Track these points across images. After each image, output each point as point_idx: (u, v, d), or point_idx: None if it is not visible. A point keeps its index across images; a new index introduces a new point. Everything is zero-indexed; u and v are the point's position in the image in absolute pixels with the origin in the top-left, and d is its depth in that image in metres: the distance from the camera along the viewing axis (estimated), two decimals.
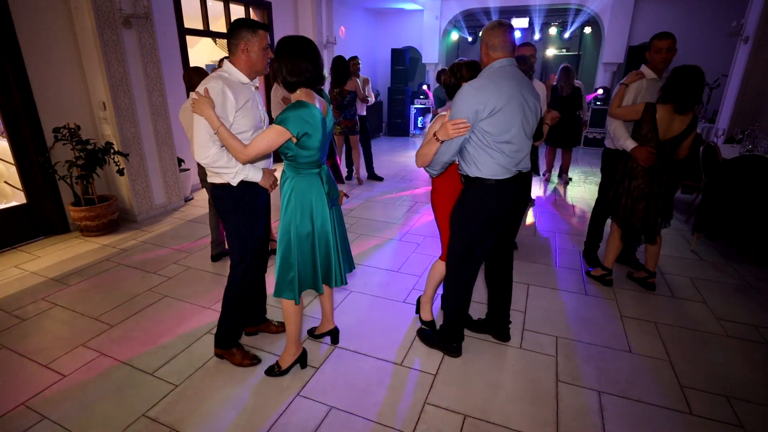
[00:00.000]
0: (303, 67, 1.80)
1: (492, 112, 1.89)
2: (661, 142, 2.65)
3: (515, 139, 1.97)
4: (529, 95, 2.00)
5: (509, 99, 1.90)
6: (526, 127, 2.00)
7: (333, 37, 7.44)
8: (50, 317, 2.72)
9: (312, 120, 1.80)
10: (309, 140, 1.84)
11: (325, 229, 2.00)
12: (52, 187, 3.96)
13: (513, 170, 2.02)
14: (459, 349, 2.35)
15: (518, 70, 2.02)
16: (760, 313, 2.77)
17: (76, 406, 2.00)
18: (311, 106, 1.81)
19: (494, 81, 1.92)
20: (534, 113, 2.03)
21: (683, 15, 7.88)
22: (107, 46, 3.87)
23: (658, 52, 2.81)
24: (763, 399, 2.04)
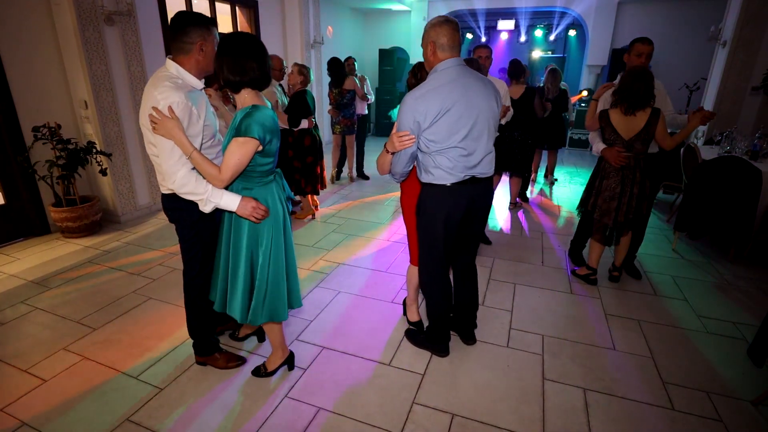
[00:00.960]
0: (248, 65, 1.64)
1: (433, 120, 1.85)
2: (626, 141, 2.76)
3: (464, 143, 1.90)
4: (480, 94, 1.90)
5: (452, 104, 1.84)
6: (479, 128, 1.92)
7: (320, 36, 7.42)
8: (30, 321, 2.65)
9: (270, 123, 1.69)
10: (271, 146, 1.72)
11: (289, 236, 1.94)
12: (31, 187, 3.86)
13: (462, 175, 1.96)
14: (446, 349, 2.36)
15: (467, 69, 1.93)
16: (738, 310, 2.84)
17: (57, 411, 1.95)
18: (266, 108, 1.70)
19: (435, 88, 1.86)
20: (490, 112, 1.94)
21: (664, 19, 8.06)
22: (89, 43, 3.79)
23: (638, 56, 2.86)
24: (741, 394, 2.10)
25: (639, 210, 2.86)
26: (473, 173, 1.99)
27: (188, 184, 1.69)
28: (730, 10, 5.46)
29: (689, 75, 7.20)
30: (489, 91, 1.96)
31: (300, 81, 4.15)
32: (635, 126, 2.73)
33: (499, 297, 2.97)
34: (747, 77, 5.32)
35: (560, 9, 8.46)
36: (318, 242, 3.89)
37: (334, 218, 4.54)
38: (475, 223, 2.18)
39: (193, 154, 1.65)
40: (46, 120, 3.74)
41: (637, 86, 2.63)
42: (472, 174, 2.00)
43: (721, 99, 5.49)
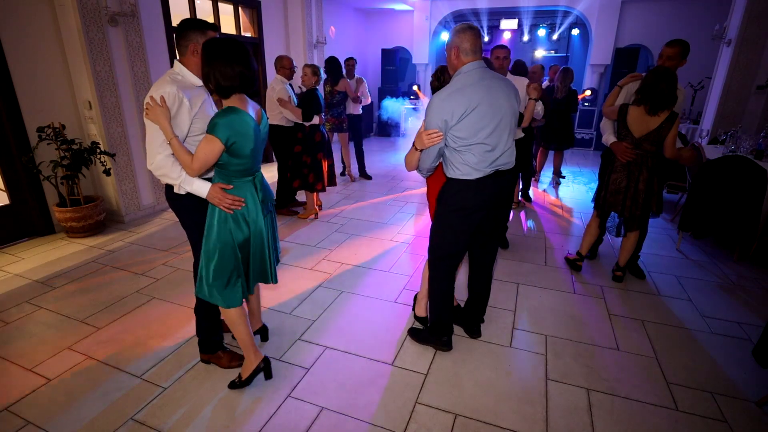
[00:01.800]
0: (237, 71, 1.71)
1: (460, 118, 1.98)
2: (636, 139, 2.80)
3: (489, 140, 2.02)
4: (502, 94, 2.03)
5: (478, 103, 1.97)
6: (502, 125, 2.04)
7: (323, 36, 7.42)
8: (35, 320, 2.67)
9: (241, 126, 1.74)
10: (239, 148, 1.76)
11: (259, 232, 1.93)
12: (36, 187, 3.89)
13: (487, 170, 2.07)
14: (449, 343, 2.38)
15: (488, 71, 2.06)
16: (743, 311, 2.83)
17: (61, 410, 1.96)
18: (242, 112, 1.75)
19: (459, 89, 1.99)
20: (511, 110, 2.06)
21: (668, 18, 8.02)
22: (93, 44, 3.81)
23: (669, 59, 2.87)
24: (746, 395, 2.09)
25: (646, 207, 2.88)
26: (496, 166, 2.10)
27: (164, 167, 1.85)
28: (735, 9, 5.43)
29: (693, 74, 7.16)
30: (510, 91, 2.08)
31: (314, 81, 4.20)
32: (649, 126, 2.74)
33: (502, 297, 2.97)
34: (752, 76, 5.29)
35: (563, 8, 8.43)
36: (321, 242, 3.89)
37: (337, 218, 4.54)
38: (495, 216, 2.26)
39: (172, 141, 1.78)
40: (50, 120, 3.77)
41: (661, 87, 2.63)
42: (496, 168, 2.10)
43: (726, 98, 5.46)
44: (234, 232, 1.89)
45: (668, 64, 2.86)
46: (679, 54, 2.84)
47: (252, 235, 1.93)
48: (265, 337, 2.45)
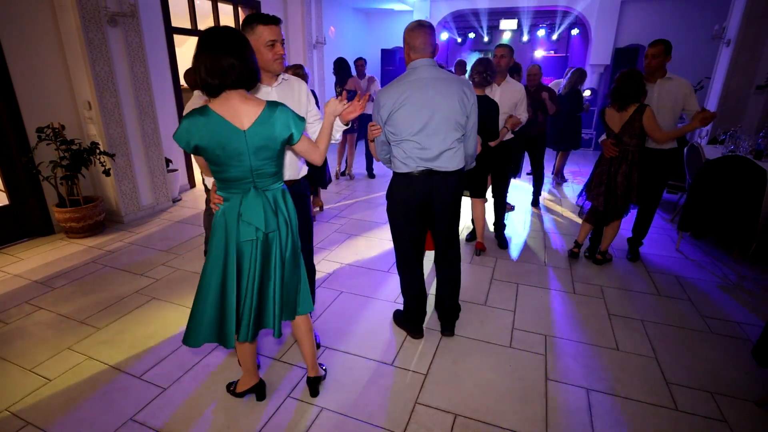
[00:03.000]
0: (226, 63, 1.46)
1: (390, 113, 2.06)
2: (616, 134, 3.06)
3: (418, 138, 2.06)
4: (439, 93, 2.02)
5: (407, 100, 2.01)
6: (434, 125, 2.04)
7: (323, 37, 7.42)
8: (34, 321, 2.66)
9: (200, 129, 1.49)
10: (206, 154, 1.54)
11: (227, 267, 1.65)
12: (35, 187, 3.89)
13: (415, 166, 2.12)
14: (419, 331, 2.49)
15: (435, 70, 2.06)
16: (742, 311, 2.83)
17: (61, 410, 1.96)
18: (209, 113, 1.50)
19: (397, 84, 2.05)
20: (449, 111, 2.04)
21: (668, 18, 8.03)
22: (92, 44, 3.81)
23: (645, 58, 3.10)
24: (746, 394, 2.09)
25: (626, 199, 3.12)
26: (430, 166, 2.12)
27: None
28: (734, 9, 5.43)
29: (693, 74, 7.16)
30: (451, 90, 2.05)
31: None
32: (622, 120, 3.01)
33: (502, 297, 2.97)
34: (751, 76, 5.30)
35: (563, 8, 8.43)
36: (320, 242, 3.89)
37: (337, 218, 4.54)
38: (440, 217, 2.27)
39: None
40: (50, 121, 3.77)
41: (627, 85, 2.91)
42: (429, 166, 2.12)
43: (725, 98, 5.47)
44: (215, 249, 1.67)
45: (653, 62, 3.06)
46: (662, 52, 3.03)
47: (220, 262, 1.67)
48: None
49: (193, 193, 5.46)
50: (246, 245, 1.66)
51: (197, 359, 2.30)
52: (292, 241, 1.77)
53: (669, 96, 3.08)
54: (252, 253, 1.66)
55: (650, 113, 2.91)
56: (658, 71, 3.10)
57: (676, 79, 3.09)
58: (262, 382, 2.04)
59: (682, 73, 3.05)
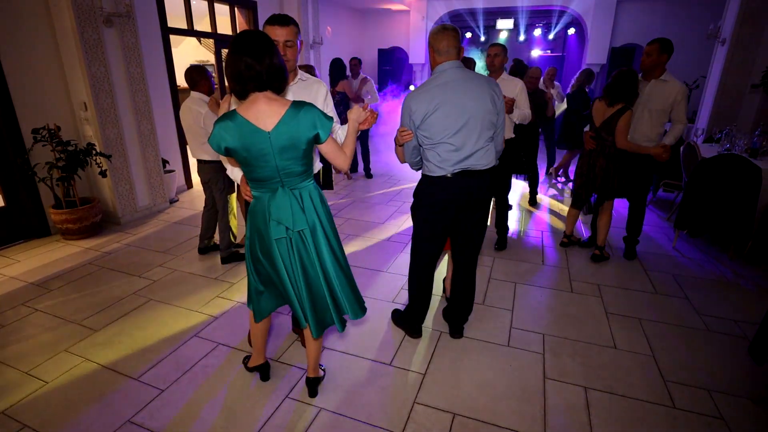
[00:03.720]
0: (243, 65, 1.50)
1: (424, 118, 2.06)
2: (596, 128, 3.20)
3: (453, 140, 2.06)
4: (470, 95, 2.03)
5: (441, 104, 2.02)
6: (469, 126, 2.05)
7: (320, 37, 7.41)
8: (31, 323, 2.65)
9: (229, 133, 1.56)
10: (236, 155, 1.62)
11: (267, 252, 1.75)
12: (31, 189, 3.87)
13: (451, 168, 2.12)
14: (418, 331, 2.50)
15: (463, 71, 2.09)
16: (739, 308, 2.84)
17: (58, 412, 1.95)
18: (236, 117, 1.57)
19: (427, 89, 2.06)
20: (481, 111, 2.05)
21: (663, 17, 8.06)
22: (88, 45, 3.80)
23: (647, 56, 3.09)
24: (742, 392, 2.10)
25: (605, 190, 3.24)
26: (464, 166, 2.12)
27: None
28: (729, 8, 5.46)
29: (689, 73, 7.20)
30: (482, 91, 2.07)
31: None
32: (605, 116, 3.12)
33: (500, 296, 2.97)
34: (746, 75, 5.32)
35: (559, 8, 8.46)
36: None
37: (335, 218, 4.52)
38: (470, 217, 2.25)
39: None
40: (45, 122, 3.75)
41: (620, 84, 2.99)
42: (463, 167, 2.12)
43: (721, 97, 5.50)
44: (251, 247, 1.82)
45: (646, 61, 3.08)
46: (657, 50, 3.03)
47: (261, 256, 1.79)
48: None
49: (191, 193, 5.45)
50: (281, 243, 1.72)
51: (195, 360, 2.30)
52: (326, 240, 1.79)
53: (658, 98, 3.07)
54: (289, 250, 1.73)
55: (627, 118, 2.99)
56: (652, 70, 3.09)
57: (670, 83, 3.05)
58: (267, 363, 2.16)
59: (678, 72, 3.04)
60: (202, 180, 3.35)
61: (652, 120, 3.10)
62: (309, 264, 1.76)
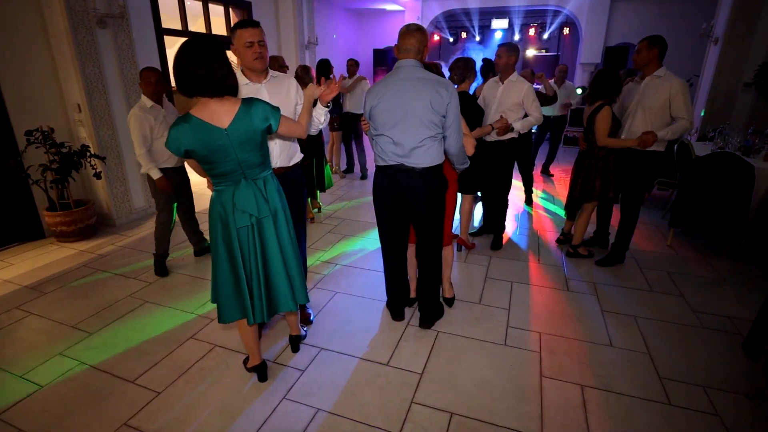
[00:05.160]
0: (187, 74, 1.61)
1: (371, 110, 2.23)
2: (584, 128, 3.28)
3: (391, 133, 2.19)
4: (411, 96, 2.10)
5: (384, 98, 2.16)
6: (406, 123, 2.14)
7: (315, 37, 7.40)
8: (25, 326, 2.63)
9: (185, 135, 1.65)
10: (195, 155, 1.70)
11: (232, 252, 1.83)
12: (24, 191, 3.84)
13: (389, 160, 2.25)
14: (398, 314, 2.66)
15: (413, 71, 2.16)
16: (733, 305, 2.86)
17: (54, 417, 1.94)
18: (191, 118, 1.66)
19: (379, 84, 2.21)
20: (421, 111, 2.10)
21: (656, 16, 8.12)
22: (81, 46, 3.77)
23: (637, 53, 3.08)
24: (737, 388, 2.11)
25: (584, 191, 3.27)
26: (402, 161, 2.22)
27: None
28: (722, 7, 5.50)
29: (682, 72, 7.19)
30: (424, 91, 2.11)
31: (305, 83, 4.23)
32: (587, 115, 3.21)
33: (496, 295, 2.98)
34: (739, 73, 5.37)
35: (553, 7, 8.49)
36: (314, 243, 3.88)
37: (331, 219, 4.53)
38: (416, 211, 2.34)
39: None
40: (38, 124, 3.72)
41: (597, 83, 3.08)
42: (401, 161, 2.23)
43: (714, 95, 5.54)
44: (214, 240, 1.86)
45: (636, 58, 3.08)
46: (646, 46, 3.00)
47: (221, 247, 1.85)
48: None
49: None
50: (242, 231, 1.82)
51: (192, 362, 2.29)
52: (286, 224, 1.95)
53: (652, 95, 2.97)
54: (249, 238, 1.84)
55: (605, 114, 3.00)
56: (644, 67, 3.02)
57: (665, 79, 2.95)
58: (264, 363, 2.16)
59: (671, 71, 3.02)
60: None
61: (646, 118, 3.01)
62: (270, 247, 1.89)
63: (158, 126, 2.99)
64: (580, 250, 3.55)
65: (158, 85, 3.01)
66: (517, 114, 3.41)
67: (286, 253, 1.95)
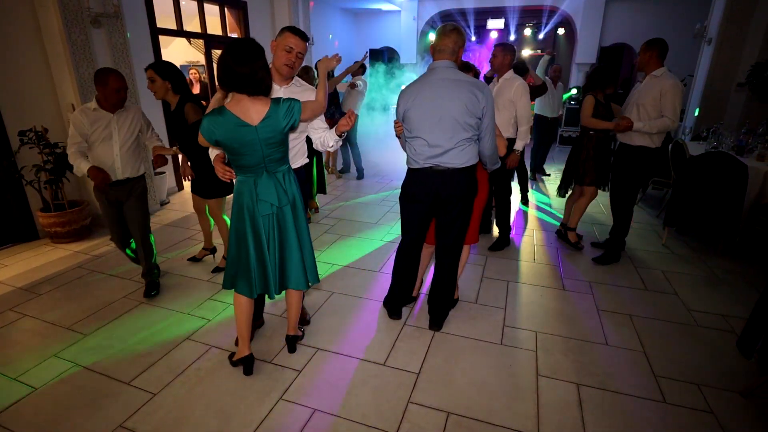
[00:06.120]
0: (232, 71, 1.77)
1: (405, 112, 2.21)
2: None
3: (427, 136, 2.18)
4: (448, 95, 2.11)
5: (419, 100, 2.15)
6: (442, 125, 2.14)
7: (311, 37, 7.39)
8: (19, 328, 2.61)
9: (218, 127, 1.81)
10: (223, 146, 1.87)
11: (257, 234, 2.00)
12: (18, 192, 3.81)
13: (423, 163, 2.24)
14: (395, 311, 2.65)
15: (449, 72, 2.14)
16: (727, 304, 2.88)
17: (48, 419, 1.93)
18: (225, 112, 1.81)
19: (413, 85, 2.21)
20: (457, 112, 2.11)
21: (651, 17, 8.17)
22: (75, 46, 3.75)
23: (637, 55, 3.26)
24: (731, 385, 2.13)
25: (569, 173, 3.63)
26: (436, 162, 2.21)
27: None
28: (715, 8, 5.54)
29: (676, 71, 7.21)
30: (460, 93, 2.11)
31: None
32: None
33: (492, 294, 2.99)
34: (732, 73, 5.40)
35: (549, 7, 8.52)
36: None
37: (327, 219, 4.53)
38: (446, 212, 2.32)
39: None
40: (32, 124, 3.69)
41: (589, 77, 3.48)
42: (435, 163, 2.22)
43: (708, 95, 5.57)
44: (237, 224, 2.01)
45: (639, 60, 3.22)
46: (644, 49, 3.13)
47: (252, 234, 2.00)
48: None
49: (181, 195, 5.40)
50: (264, 219, 1.99)
51: (188, 363, 2.28)
52: (301, 212, 2.10)
53: (647, 93, 3.07)
54: (270, 225, 2.00)
55: (588, 101, 3.36)
56: (645, 67, 3.15)
57: (660, 78, 3.03)
58: (251, 356, 2.20)
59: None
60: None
61: (639, 115, 3.10)
62: (288, 232, 2.05)
63: (97, 131, 2.62)
64: (570, 236, 3.67)
65: (108, 90, 2.57)
66: (509, 111, 3.43)
67: (302, 237, 2.11)
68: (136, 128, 2.79)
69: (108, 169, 2.67)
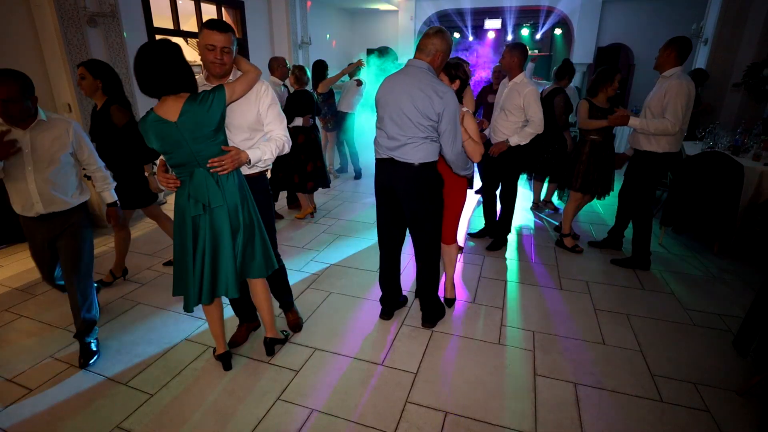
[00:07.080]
0: (142, 74, 1.74)
1: (376, 102, 2.31)
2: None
3: (386, 128, 2.25)
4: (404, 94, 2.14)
5: (385, 92, 2.23)
6: (394, 119, 2.19)
7: (308, 37, 7.38)
8: (15, 329, 2.60)
9: (147, 129, 1.81)
10: (156, 146, 1.83)
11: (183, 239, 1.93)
12: None
13: (382, 154, 2.31)
14: (385, 313, 2.68)
15: (416, 71, 2.17)
16: (723, 303, 2.90)
17: (44, 420, 1.92)
18: (150, 113, 1.81)
19: (390, 77, 2.28)
20: (409, 109, 2.13)
21: (647, 17, 8.19)
22: (71, 45, 3.73)
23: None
24: (727, 384, 2.14)
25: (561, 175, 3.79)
26: (392, 155, 2.27)
27: None
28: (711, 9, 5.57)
29: None
30: (412, 92, 2.13)
31: (292, 81, 4.26)
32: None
33: (490, 294, 2.99)
34: (728, 74, 5.43)
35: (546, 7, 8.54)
36: (308, 243, 3.87)
37: (325, 219, 4.52)
38: (407, 207, 2.34)
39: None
40: None
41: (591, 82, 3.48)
42: (392, 155, 2.27)
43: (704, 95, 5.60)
44: (177, 224, 1.95)
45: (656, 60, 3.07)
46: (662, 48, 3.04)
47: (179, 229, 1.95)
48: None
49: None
50: (197, 219, 1.91)
51: (185, 363, 2.27)
52: (243, 213, 1.96)
53: (658, 92, 2.98)
54: (203, 226, 1.91)
55: (582, 105, 3.39)
56: (660, 67, 3.03)
57: (670, 79, 2.91)
58: (228, 352, 2.23)
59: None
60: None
61: (646, 114, 3.04)
62: (222, 238, 1.92)
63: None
64: (566, 242, 3.65)
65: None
66: (518, 117, 3.30)
67: (239, 240, 1.98)
68: (60, 150, 2.13)
69: (26, 203, 2.16)
